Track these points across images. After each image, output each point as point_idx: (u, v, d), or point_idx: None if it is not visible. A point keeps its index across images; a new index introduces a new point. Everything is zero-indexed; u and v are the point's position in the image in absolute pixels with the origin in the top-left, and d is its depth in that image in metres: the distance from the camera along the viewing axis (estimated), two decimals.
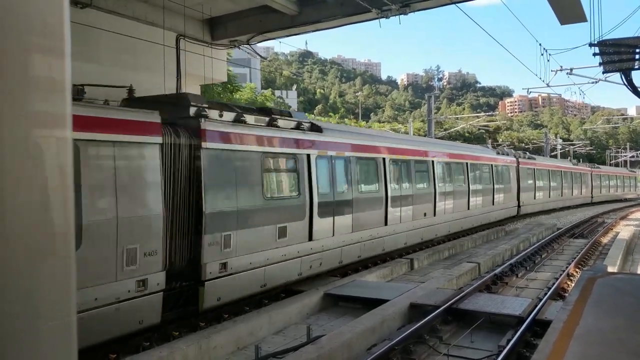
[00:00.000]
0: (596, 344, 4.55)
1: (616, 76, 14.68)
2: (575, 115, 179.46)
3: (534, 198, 29.01)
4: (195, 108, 8.48)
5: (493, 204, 21.61)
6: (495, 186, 21.86)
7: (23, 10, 1.05)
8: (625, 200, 54.85)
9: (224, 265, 8.38)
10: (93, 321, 6.40)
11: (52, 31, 1.12)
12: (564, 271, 12.73)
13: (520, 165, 26.53)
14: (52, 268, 1.06)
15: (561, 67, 21.48)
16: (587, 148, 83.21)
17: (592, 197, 43.52)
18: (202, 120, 8.28)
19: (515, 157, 26.56)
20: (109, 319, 6.66)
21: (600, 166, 53.85)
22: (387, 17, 14.66)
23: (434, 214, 15.98)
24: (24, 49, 1.06)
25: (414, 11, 14.76)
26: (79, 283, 1.20)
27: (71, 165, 1.15)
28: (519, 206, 25.79)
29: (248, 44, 18.40)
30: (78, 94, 6.93)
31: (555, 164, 35.79)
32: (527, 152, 32.66)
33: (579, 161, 74.62)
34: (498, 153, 24.64)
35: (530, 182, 28.32)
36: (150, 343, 7.31)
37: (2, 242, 0.99)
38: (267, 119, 10.05)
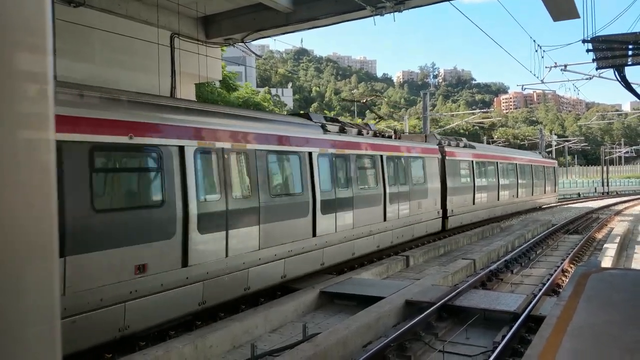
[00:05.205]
0: (589, 339, 4.58)
1: (610, 72, 14.77)
2: (570, 111, 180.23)
3: None
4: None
5: None
6: None
7: (2, 6, 1.04)
8: (541, 209, 32.65)
9: None
10: None
11: (34, 28, 1.11)
12: (558, 267, 12.79)
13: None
14: (35, 272, 1.05)
15: (555, 63, 21.62)
16: (582, 144, 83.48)
17: (445, 216, 18.12)
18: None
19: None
20: None
21: (476, 145, 23.94)
22: (381, 14, 14.67)
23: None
24: (4, 47, 1.05)
25: (408, 8, 14.78)
26: None
27: (54, 167, 1.14)
28: None
29: (243, 42, 18.37)
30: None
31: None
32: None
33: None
34: None
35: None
36: (146, 342, 7.31)
37: None
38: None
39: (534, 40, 18.06)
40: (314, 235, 10.86)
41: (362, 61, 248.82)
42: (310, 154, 10.94)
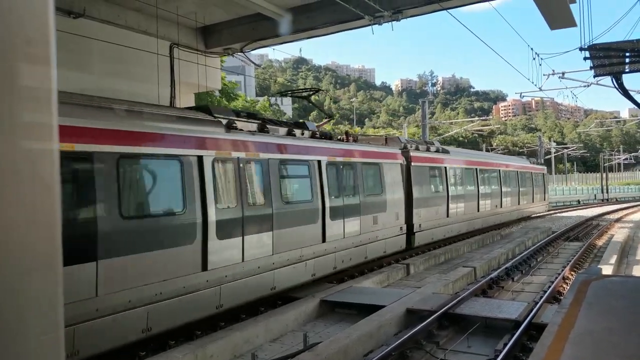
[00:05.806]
0: (590, 347, 4.57)
1: (607, 79, 14.85)
2: (568, 118, 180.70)
3: None
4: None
5: None
6: None
7: (7, 18, 1.06)
8: (530, 218, 30.39)
9: None
10: None
11: (37, 39, 1.12)
12: (559, 274, 12.76)
13: None
14: (40, 283, 1.06)
15: (553, 71, 21.77)
16: (581, 151, 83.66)
17: (411, 232, 15.70)
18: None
19: None
20: None
21: (451, 149, 22.21)
22: (379, 23, 14.77)
23: None
24: (9, 58, 1.07)
25: (406, 17, 14.87)
26: None
27: (58, 178, 1.15)
28: None
29: (242, 52, 18.46)
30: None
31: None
32: None
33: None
34: None
35: None
36: (146, 352, 7.28)
37: None
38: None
39: (532, 48, 18.19)
40: (205, 268, 8.12)
41: (360, 70, 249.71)
42: (200, 158, 8.22)
